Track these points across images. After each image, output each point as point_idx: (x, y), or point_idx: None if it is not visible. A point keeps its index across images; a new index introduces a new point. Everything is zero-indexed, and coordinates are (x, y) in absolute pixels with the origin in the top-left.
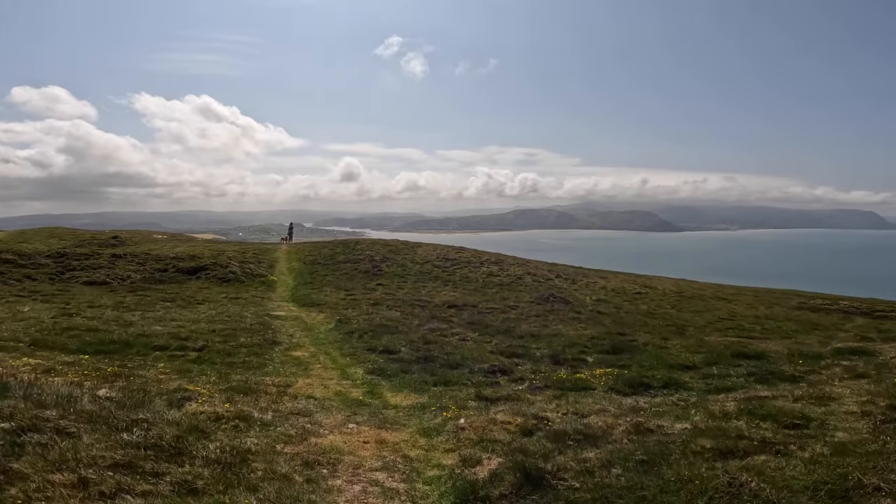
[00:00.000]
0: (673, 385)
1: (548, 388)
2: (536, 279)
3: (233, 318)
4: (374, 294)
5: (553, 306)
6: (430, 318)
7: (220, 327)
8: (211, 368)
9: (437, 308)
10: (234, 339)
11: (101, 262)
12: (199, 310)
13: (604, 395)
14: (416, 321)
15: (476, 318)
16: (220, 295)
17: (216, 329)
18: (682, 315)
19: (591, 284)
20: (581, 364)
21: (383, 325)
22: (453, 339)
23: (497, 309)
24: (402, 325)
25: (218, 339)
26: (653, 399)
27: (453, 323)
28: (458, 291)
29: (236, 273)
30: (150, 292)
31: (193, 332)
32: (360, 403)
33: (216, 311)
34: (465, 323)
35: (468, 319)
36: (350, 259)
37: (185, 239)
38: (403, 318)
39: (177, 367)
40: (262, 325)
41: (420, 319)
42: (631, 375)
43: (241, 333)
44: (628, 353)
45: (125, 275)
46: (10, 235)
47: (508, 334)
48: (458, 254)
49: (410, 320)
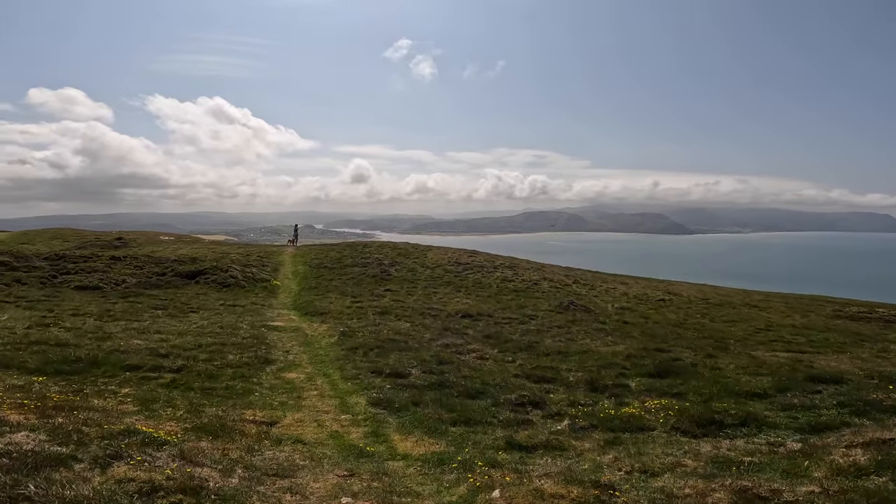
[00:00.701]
0: (752, 421)
1: (594, 427)
2: (553, 285)
3: (225, 330)
4: (382, 301)
5: (575, 315)
6: (442, 331)
7: (209, 341)
8: (183, 396)
9: (450, 318)
10: (221, 357)
11: (97, 265)
12: (191, 319)
13: (669, 439)
14: (428, 334)
15: (493, 331)
16: (217, 302)
17: (203, 344)
18: (715, 325)
19: (610, 290)
20: (624, 391)
21: (391, 340)
22: (470, 358)
23: (515, 319)
24: (411, 339)
25: (202, 357)
26: (733, 442)
27: (469, 336)
28: (472, 298)
29: (237, 278)
30: (142, 299)
31: (176, 347)
32: (360, 453)
33: (208, 322)
34: (481, 336)
35: (485, 332)
36: (358, 263)
37: (190, 241)
38: (413, 331)
39: (142, 395)
40: (255, 339)
41: (432, 332)
42: (695, 409)
43: (231, 349)
44: (677, 375)
45: (120, 279)
46: (13, 236)
47: (532, 351)
48: (471, 258)
49: (421, 333)
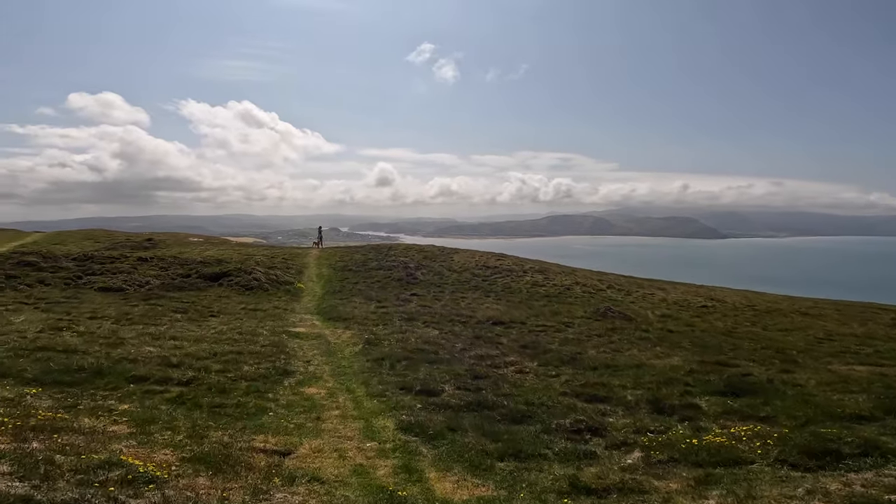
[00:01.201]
0: (873, 451)
1: (675, 461)
2: (586, 290)
3: (244, 337)
4: (408, 306)
5: (614, 323)
6: (474, 340)
7: (225, 350)
8: (187, 416)
9: (481, 325)
10: (236, 368)
11: (123, 266)
12: (210, 324)
13: (776, 474)
14: (459, 343)
15: (529, 340)
16: (239, 306)
17: (218, 352)
18: (770, 335)
19: (648, 296)
20: (696, 413)
21: (420, 350)
22: (509, 372)
23: (550, 327)
24: (442, 349)
25: (216, 368)
26: (862, 476)
27: (503, 346)
28: (502, 304)
29: (260, 280)
30: (164, 301)
31: (189, 356)
32: (390, 498)
33: (227, 327)
34: (517, 347)
35: (520, 341)
36: (383, 266)
37: (217, 242)
38: (443, 340)
39: (142, 413)
40: (274, 348)
41: (463, 341)
42: (800, 437)
43: (247, 359)
44: (754, 394)
45: (144, 280)
46: (46, 237)
47: (576, 364)
48: (499, 261)
49: (452, 342)
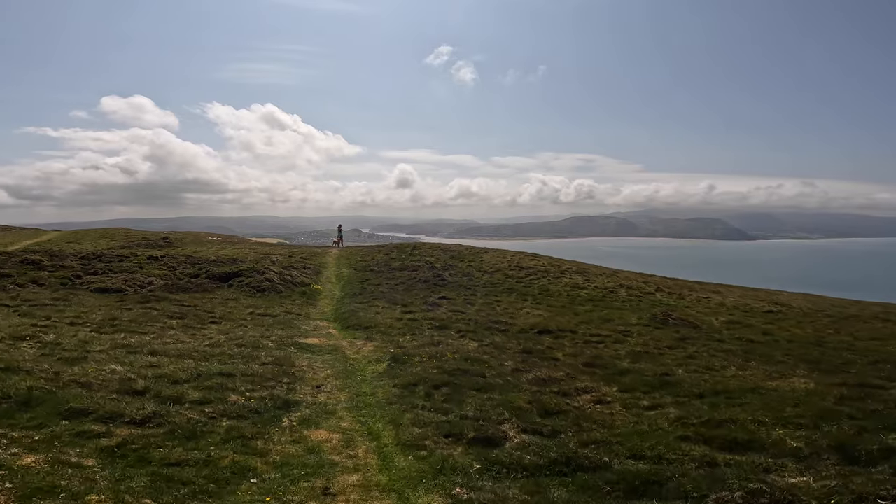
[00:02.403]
0: None
1: None
2: (633, 293)
3: (242, 351)
4: (437, 312)
5: (679, 332)
6: (523, 354)
7: (213, 369)
8: (115, 485)
9: (525, 335)
10: (220, 398)
11: (129, 265)
12: (207, 333)
13: None
14: (508, 360)
15: (591, 355)
16: (247, 310)
17: (203, 373)
18: (865, 344)
19: (702, 300)
20: None
21: (461, 371)
22: (585, 403)
23: (607, 336)
24: (488, 368)
25: (193, 397)
26: None
27: (561, 363)
28: (543, 309)
29: (273, 281)
30: (163, 304)
31: (163, 378)
32: None
33: (227, 337)
34: (580, 364)
35: (580, 356)
36: (407, 266)
37: (236, 241)
38: (486, 354)
39: (39, 478)
40: (278, 367)
41: (511, 356)
42: None
43: (239, 383)
44: None
45: (147, 281)
46: (63, 235)
47: (670, 389)
48: (533, 261)
49: (498, 358)
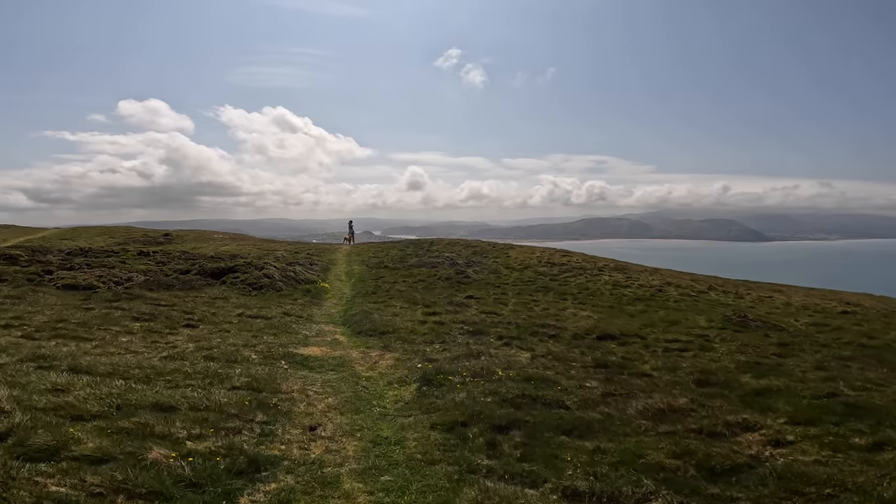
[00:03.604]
0: None
1: None
2: (683, 292)
3: (210, 368)
4: (466, 313)
5: (769, 335)
6: (598, 369)
7: (148, 397)
8: None
9: (582, 341)
10: (132, 453)
11: (112, 260)
12: (173, 341)
13: None
14: (583, 378)
15: (690, 368)
16: (235, 311)
17: (132, 402)
18: None
19: (765, 299)
20: None
21: (527, 398)
22: (759, 446)
23: (688, 343)
24: (564, 392)
25: (85, 448)
26: None
27: (658, 381)
28: (589, 309)
29: (272, 277)
30: (134, 303)
31: (62, 409)
32: None
33: (196, 346)
34: (691, 382)
35: (679, 371)
36: (425, 262)
37: (239, 238)
38: (549, 370)
39: None
40: (254, 393)
41: (584, 372)
42: None
43: (182, 422)
44: None
45: (126, 277)
46: (60, 232)
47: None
48: (565, 257)
49: (565, 372)
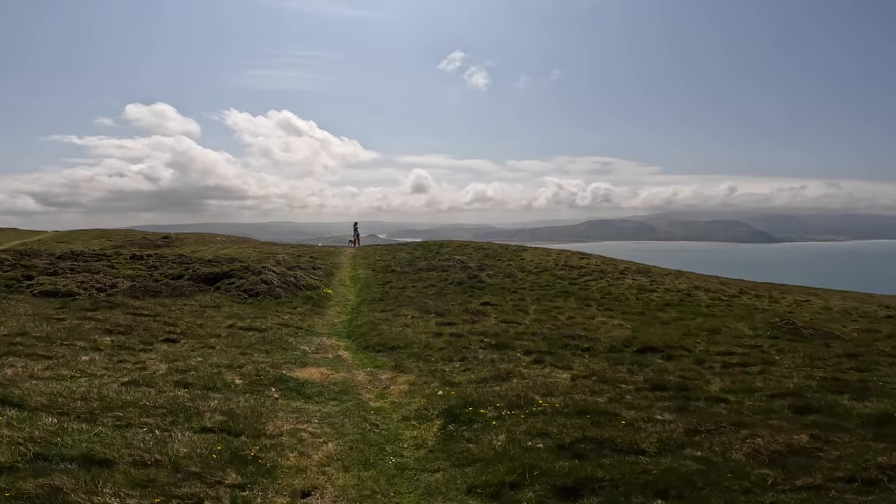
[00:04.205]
0: None
1: None
2: (713, 296)
3: (178, 397)
4: (485, 323)
5: (830, 345)
6: (656, 392)
7: (79, 446)
8: None
9: (621, 355)
10: None
11: (99, 265)
12: (144, 359)
13: None
14: (648, 406)
15: (775, 389)
16: (226, 322)
17: (51, 454)
18: None
19: (802, 304)
20: None
21: (590, 441)
22: None
23: (744, 355)
24: (631, 428)
25: None
26: None
27: (741, 408)
28: (618, 317)
29: (270, 283)
30: (112, 312)
31: None
32: None
33: (169, 367)
34: (787, 410)
35: (760, 394)
36: (435, 266)
37: (240, 241)
38: (600, 396)
39: None
40: (228, 437)
41: (641, 398)
42: None
43: (113, 486)
44: None
45: (111, 282)
46: (56, 235)
47: None
48: (583, 260)
49: (618, 398)
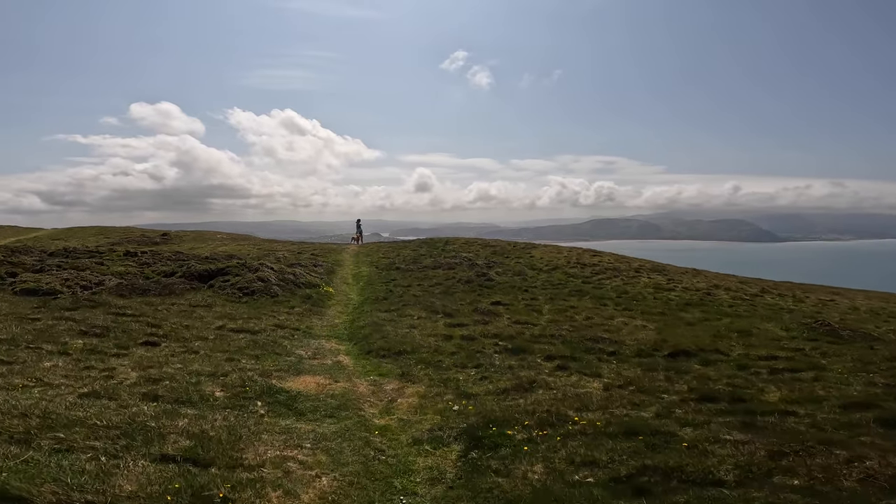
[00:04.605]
0: None
1: None
2: (735, 296)
3: (140, 414)
4: (497, 323)
5: (874, 347)
6: (707, 404)
7: None
8: None
9: (651, 360)
10: None
11: (88, 262)
12: (114, 365)
13: None
14: (711, 423)
15: (841, 398)
16: (216, 323)
17: None
18: None
19: (827, 303)
20: None
21: (647, 470)
22: None
23: (787, 360)
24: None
25: None
26: None
27: (817, 421)
28: (639, 317)
29: (267, 281)
30: (93, 312)
31: None
32: None
33: (139, 375)
34: (874, 424)
35: (826, 405)
36: (441, 263)
37: (240, 238)
38: (644, 411)
39: None
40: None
41: (691, 411)
42: None
43: None
44: None
45: (97, 280)
46: (54, 232)
47: None
48: (596, 258)
49: (665, 412)
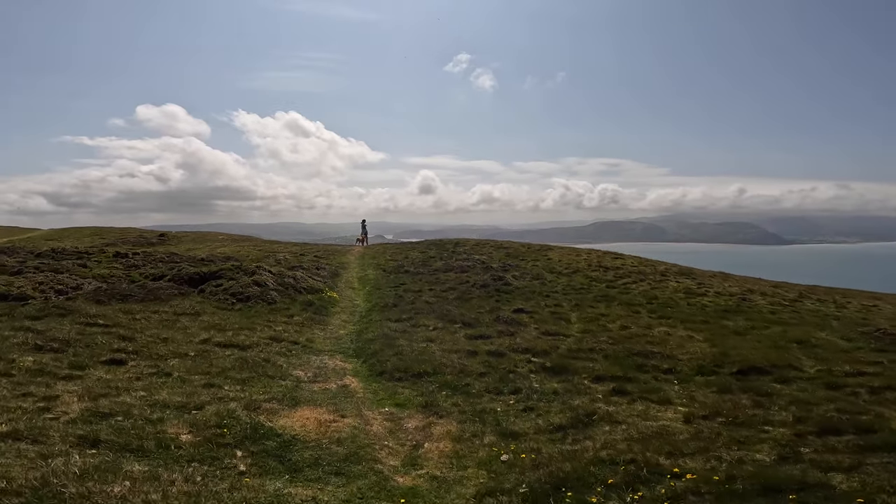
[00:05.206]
0: None
1: None
2: (771, 300)
3: (55, 471)
4: (524, 335)
5: None
6: (837, 442)
7: None
8: None
9: (720, 379)
10: None
11: (70, 263)
12: (59, 392)
13: None
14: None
15: None
16: (200, 335)
17: None
18: None
19: (871, 308)
20: None
21: None
22: None
23: (873, 376)
24: None
25: None
26: None
27: None
28: (681, 327)
29: (264, 285)
30: (63, 320)
31: None
32: None
33: (83, 408)
34: None
35: None
36: (453, 266)
37: (240, 239)
38: (746, 448)
39: None
40: None
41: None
42: None
43: None
44: None
45: (74, 285)
46: (48, 233)
47: None
48: (618, 260)
49: (797, 456)
